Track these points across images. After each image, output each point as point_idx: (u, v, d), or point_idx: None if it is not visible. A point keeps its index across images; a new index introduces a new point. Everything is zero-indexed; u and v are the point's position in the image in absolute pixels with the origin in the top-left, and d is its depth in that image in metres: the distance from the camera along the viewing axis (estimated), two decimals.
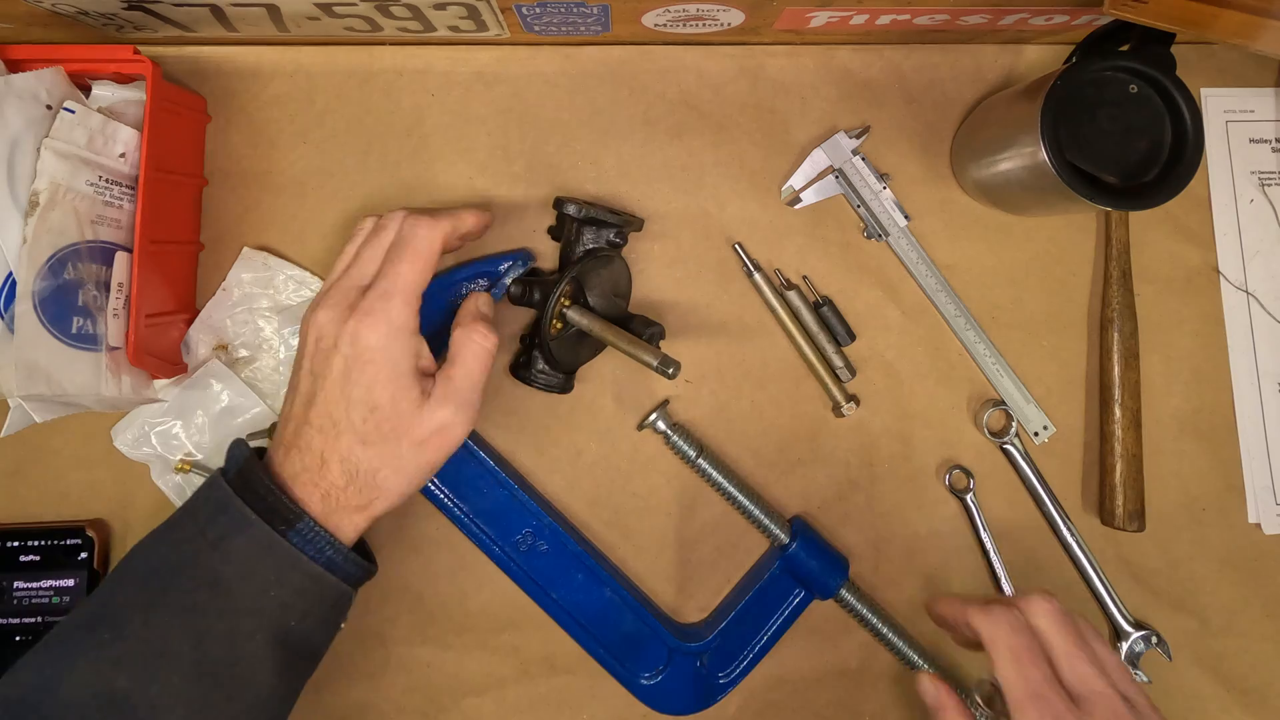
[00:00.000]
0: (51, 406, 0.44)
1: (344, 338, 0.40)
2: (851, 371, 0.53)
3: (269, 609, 0.38)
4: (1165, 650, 0.52)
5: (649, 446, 0.53)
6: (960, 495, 0.53)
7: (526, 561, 0.50)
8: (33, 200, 0.44)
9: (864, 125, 0.54)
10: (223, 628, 0.37)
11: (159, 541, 0.40)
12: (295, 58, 0.53)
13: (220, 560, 0.38)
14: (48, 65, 0.45)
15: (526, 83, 0.54)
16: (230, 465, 0.41)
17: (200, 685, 0.36)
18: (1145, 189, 0.45)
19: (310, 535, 0.39)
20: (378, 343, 0.40)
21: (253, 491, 0.39)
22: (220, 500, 0.39)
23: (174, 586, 0.38)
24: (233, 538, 0.38)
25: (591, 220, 0.49)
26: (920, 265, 0.54)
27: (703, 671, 0.50)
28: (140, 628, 0.37)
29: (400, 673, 0.52)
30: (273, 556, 0.38)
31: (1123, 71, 0.45)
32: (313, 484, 0.40)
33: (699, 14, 0.48)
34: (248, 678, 0.38)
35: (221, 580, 0.37)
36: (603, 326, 0.47)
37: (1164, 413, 0.54)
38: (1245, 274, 0.55)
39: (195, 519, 0.39)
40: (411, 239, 0.42)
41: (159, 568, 0.38)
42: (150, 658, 0.36)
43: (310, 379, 0.41)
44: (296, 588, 0.38)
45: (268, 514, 0.38)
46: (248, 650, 0.37)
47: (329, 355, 0.40)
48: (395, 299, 0.40)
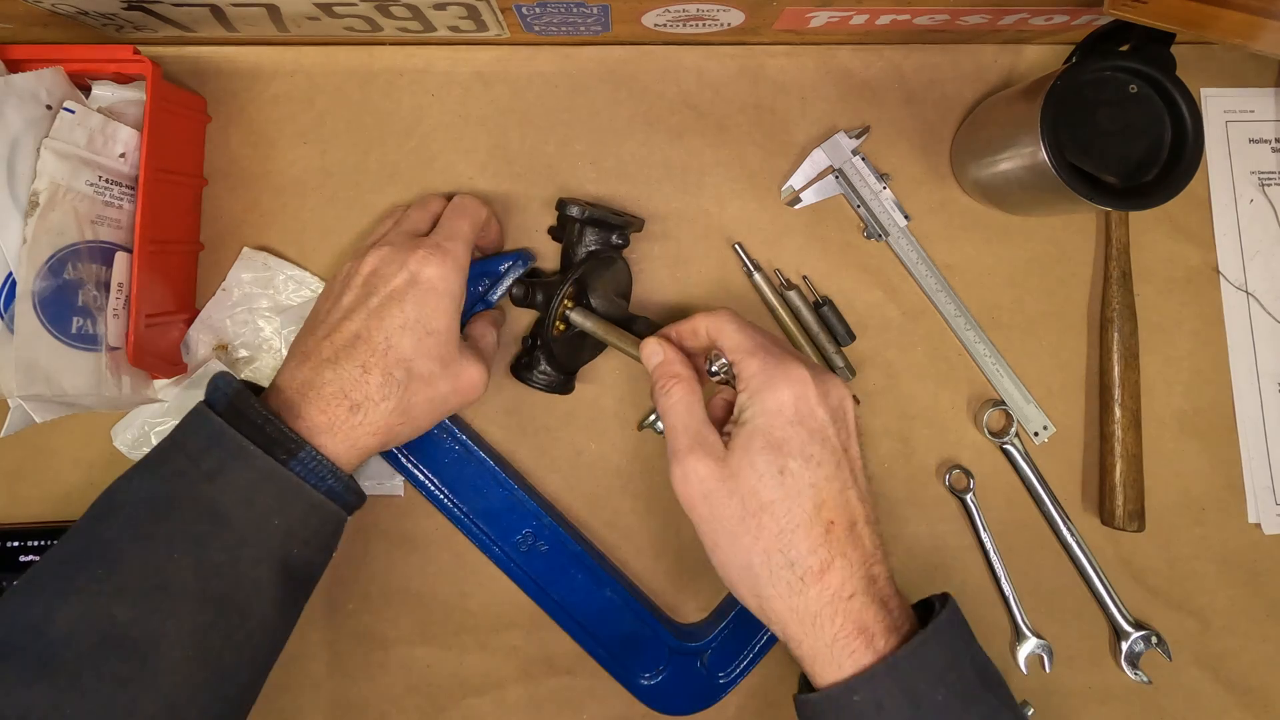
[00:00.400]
0: (51, 406, 0.44)
1: (412, 262, 0.42)
2: (851, 371, 0.53)
3: (271, 537, 0.38)
4: (1165, 650, 0.52)
5: (649, 446, 0.53)
6: (960, 495, 0.53)
7: (526, 562, 0.50)
8: (33, 200, 0.44)
9: (864, 125, 0.54)
10: (225, 558, 0.37)
11: (145, 476, 0.39)
12: (295, 58, 0.53)
13: (218, 491, 0.37)
14: (48, 65, 0.45)
15: (526, 83, 0.54)
16: (216, 397, 0.40)
17: (204, 615, 0.36)
18: (1145, 189, 0.45)
19: (312, 464, 0.39)
20: (441, 275, 0.42)
21: (249, 422, 0.38)
22: (212, 432, 0.38)
23: (170, 518, 0.37)
24: (230, 468, 0.38)
25: (594, 222, 0.49)
26: (920, 265, 0.54)
27: (703, 672, 0.50)
28: (137, 560, 0.36)
29: (400, 673, 0.52)
30: (274, 485, 0.38)
31: (1123, 71, 0.45)
32: (340, 395, 0.40)
33: (699, 14, 0.48)
34: (250, 606, 0.38)
35: (221, 510, 0.37)
36: (605, 329, 0.47)
37: (1164, 413, 0.54)
38: (1245, 274, 0.55)
39: (184, 452, 0.39)
40: (465, 206, 0.47)
41: (150, 500, 0.38)
42: (150, 590, 0.36)
43: (365, 297, 0.42)
44: (299, 516, 0.39)
45: (267, 444, 0.38)
46: (250, 578, 0.37)
47: (392, 279, 0.42)
48: (458, 243, 0.44)
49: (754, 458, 0.38)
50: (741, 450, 0.38)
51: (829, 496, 0.38)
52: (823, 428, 0.39)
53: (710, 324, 0.43)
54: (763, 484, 0.38)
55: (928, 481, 0.54)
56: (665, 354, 0.44)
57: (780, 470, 0.38)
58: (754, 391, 0.39)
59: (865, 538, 0.38)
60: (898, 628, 0.37)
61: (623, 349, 0.47)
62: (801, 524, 0.37)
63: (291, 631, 0.41)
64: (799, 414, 0.39)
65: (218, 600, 0.37)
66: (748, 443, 0.38)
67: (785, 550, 0.37)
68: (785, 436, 0.38)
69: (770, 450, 0.38)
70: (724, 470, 0.39)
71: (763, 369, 0.39)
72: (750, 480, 0.38)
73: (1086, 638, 0.53)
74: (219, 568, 0.37)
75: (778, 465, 0.38)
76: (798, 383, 0.39)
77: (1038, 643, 0.52)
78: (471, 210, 0.47)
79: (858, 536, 0.38)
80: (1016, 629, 0.53)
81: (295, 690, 0.51)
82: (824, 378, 0.40)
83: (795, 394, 0.39)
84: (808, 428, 0.38)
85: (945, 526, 0.53)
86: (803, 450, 0.38)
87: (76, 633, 0.35)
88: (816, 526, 0.37)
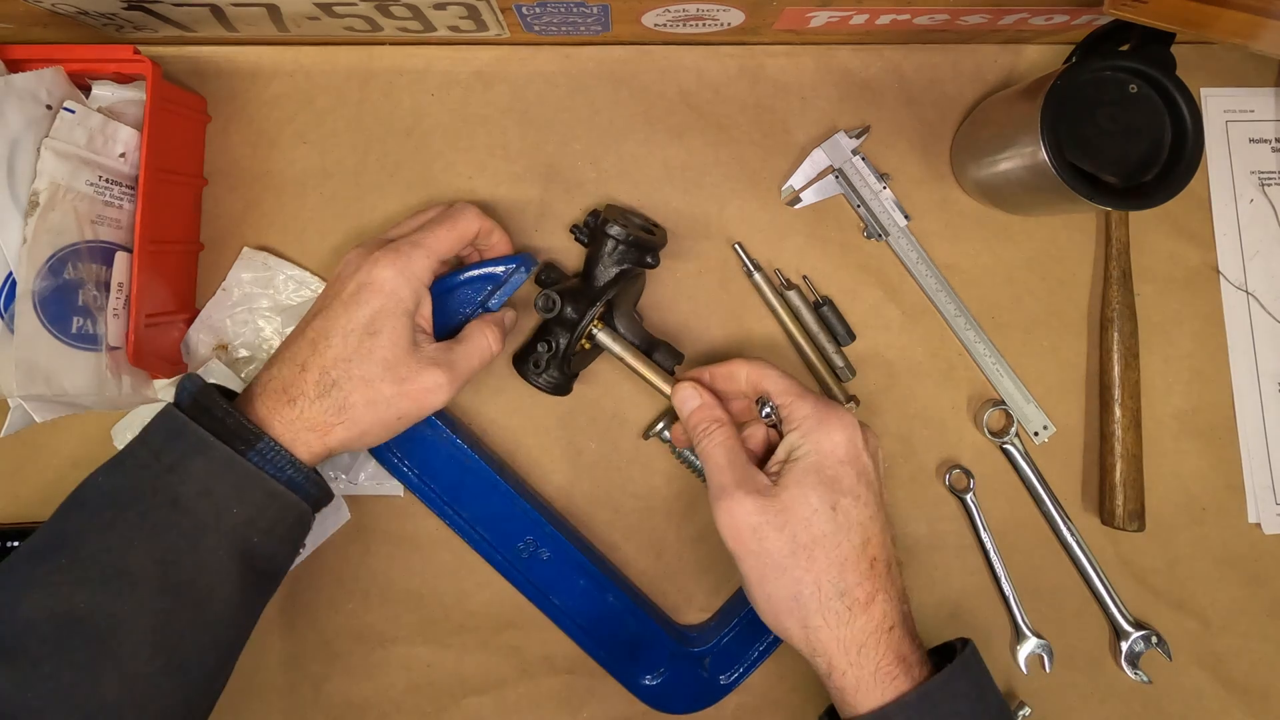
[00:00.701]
0: (51, 406, 0.44)
1: (364, 267, 0.43)
2: (851, 371, 0.53)
3: (230, 525, 0.38)
4: (1165, 650, 0.52)
5: (649, 446, 0.53)
6: (960, 495, 0.53)
7: (528, 568, 0.50)
8: (33, 200, 0.44)
9: (864, 125, 0.54)
10: (185, 544, 0.38)
11: (110, 473, 0.39)
12: (295, 58, 0.53)
13: (178, 481, 0.38)
14: (48, 65, 0.45)
15: (526, 83, 0.54)
16: (182, 396, 0.41)
17: (163, 601, 0.37)
18: (1145, 189, 0.45)
19: (270, 455, 0.39)
20: (390, 278, 0.42)
21: (210, 416, 0.39)
22: (174, 428, 0.39)
23: (131, 508, 0.38)
24: (190, 460, 0.38)
25: (634, 244, 0.48)
26: (920, 265, 0.54)
27: (704, 675, 0.50)
28: (98, 549, 0.37)
29: (400, 672, 0.52)
30: (233, 474, 0.38)
31: (1123, 71, 0.45)
32: (280, 391, 0.41)
33: (699, 14, 0.48)
34: (211, 593, 0.38)
35: (181, 500, 0.38)
36: (633, 355, 0.48)
37: (1164, 413, 0.54)
38: (1245, 274, 0.55)
39: (148, 447, 0.39)
40: (456, 214, 0.46)
41: (112, 493, 0.39)
42: (110, 577, 0.36)
43: (322, 301, 0.44)
44: (258, 504, 0.39)
45: (226, 435, 0.39)
46: (210, 565, 0.38)
47: (344, 282, 0.43)
48: (419, 249, 0.44)
49: (808, 493, 0.40)
50: (795, 486, 0.41)
51: (874, 534, 0.41)
52: (868, 471, 0.42)
53: (752, 371, 0.45)
54: (816, 518, 0.40)
55: (928, 481, 0.54)
56: (703, 399, 0.46)
57: (833, 506, 0.40)
58: (807, 431, 0.42)
59: (898, 578, 0.42)
60: (925, 661, 0.40)
61: (649, 380, 0.48)
62: (850, 557, 0.40)
63: (255, 622, 0.42)
64: (850, 455, 0.41)
65: (177, 587, 0.37)
66: (801, 478, 0.41)
67: (836, 581, 0.39)
68: (838, 475, 0.41)
69: (824, 487, 0.40)
70: (774, 505, 0.41)
71: (815, 411, 0.42)
72: (804, 514, 0.40)
73: (1086, 638, 0.53)
74: (179, 555, 0.37)
75: (830, 501, 0.40)
76: (849, 426, 0.42)
77: (1038, 643, 0.52)
78: (456, 221, 0.46)
79: (894, 575, 0.41)
80: (1016, 629, 0.53)
81: (295, 690, 0.51)
82: (864, 426, 0.43)
83: (848, 436, 0.42)
84: (856, 469, 0.41)
85: (945, 526, 0.53)
86: (853, 489, 0.41)
87: (39, 620, 0.35)
88: (863, 561, 0.40)
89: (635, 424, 0.53)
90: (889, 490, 0.53)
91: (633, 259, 0.49)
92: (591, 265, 0.49)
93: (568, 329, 0.48)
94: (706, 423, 0.45)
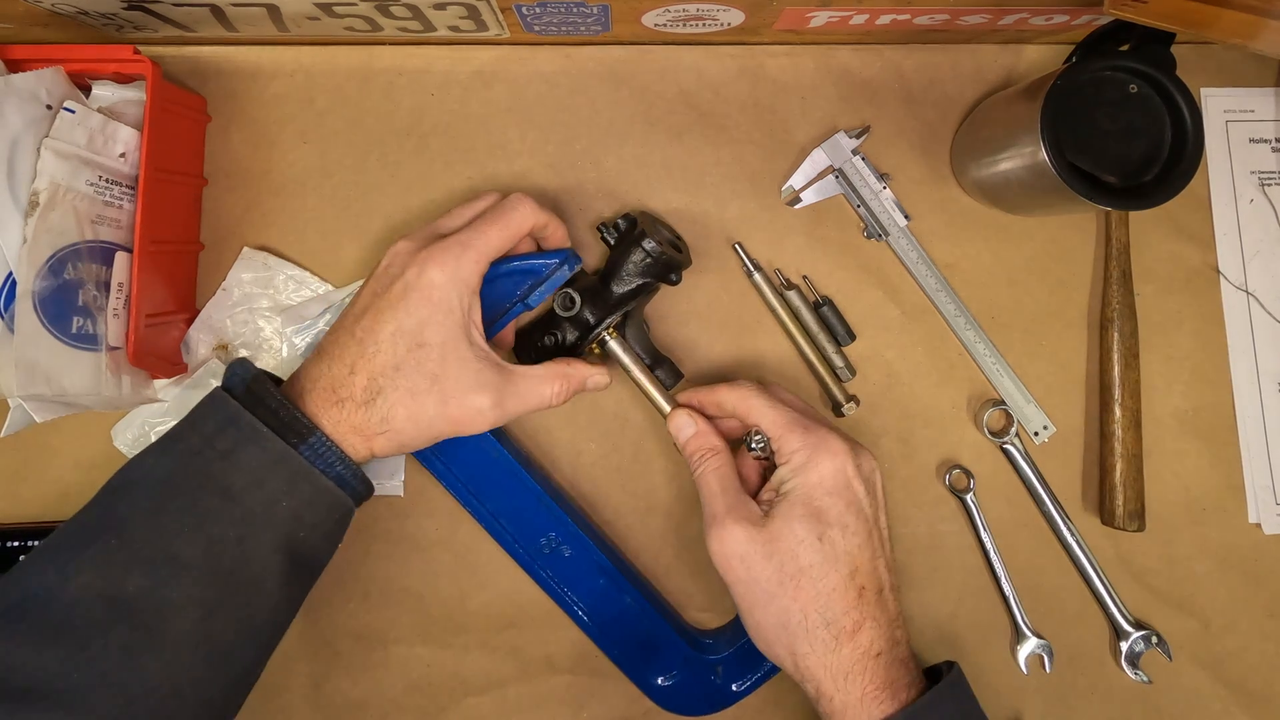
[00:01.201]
0: (51, 406, 0.44)
1: (413, 267, 0.41)
2: (851, 371, 0.53)
3: (279, 518, 0.38)
4: (1165, 650, 0.52)
5: (649, 446, 0.53)
6: (960, 495, 0.53)
7: (548, 564, 0.50)
8: (33, 200, 0.44)
9: (864, 125, 0.54)
10: (233, 534, 0.37)
11: (159, 455, 0.39)
12: (295, 58, 0.53)
13: (230, 470, 0.38)
14: (48, 65, 0.45)
15: (526, 83, 0.54)
16: (234, 382, 0.41)
17: (211, 589, 0.37)
18: (1145, 189, 0.45)
19: (322, 450, 0.39)
20: (440, 284, 0.41)
21: (264, 406, 0.39)
22: (229, 414, 0.39)
23: (181, 494, 0.38)
24: (243, 449, 0.38)
25: (664, 263, 0.48)
26: (920, 265, 0.54)
27: (716, 681, 0.50)
28: (148, 533, 0.37)
29: (400, 673, 0.52)
30: (285, 468, 0.38)
31: (1123, 71, 0.45)
32: (329, 390, 0.40)
33: (699, 14, 0.48)
34: (256, 584, 0.38)
35: (232, 489, 0.38)
36: (640, 369, 0.48)
37: (1164, 413, 0.54)
38: (1245, 274, 0.55)
39: (199, 432, 0.39)
40: (509, 209, 0.44)
41: (164, 478, 0.38)
42: (160, 562, 0.36)
43: (370, 296, 0.42)
44: (307, 499, 0.39)
45: (280, 428, 0.39)
46: (257, 556, 0.38)
47: (393, 279, 0.42)
48: (470, 251, 0.42)
49: (794, 525, 0.41)
50: (783, 518, 0.41)
51: (862, 563, 0.41)
52: (858, 499, 0.42)
53: (737, 401, 0.45)
54: (802, 548, 0.41)
55: (928, 481, 0.54)
56: (697, 426, 0.46)
57: (819, 537, 0.41)
58: (796, 466, 0.43)
59: (890, 604, 0.42)
60: (914, 684, 0.41)
61: (651, 398, 0.48)
62: (837, 587, 0.40)
63: (293, 618, 0.42)
64: (837, 485, 0.42)
65: (224, 577, 0.37)
66: (789, 510, 0.42)
67: (822, 610, 0.40)
68: (825, 506, 0.41)
69: (810, 518, 0.41)
70: (763, 535, 0.41)
71: (804, 444, 0.43)
72: (790, 544, 0.41)
73: (1086, 638, 0.53)
74: (227, 545, 0.37)
75: (817, 532, 0.41)
76: (838, 455, 0.42)
77: (1038, 643, 0.52)
78: (512, 215, 0.44)
79: (884, 601, 0.41)
80: (1016, 629, 0.53)
81: (295, 690, 0.51)
82: (858, 450, 0.43)
83: (835, 467, 0.42)
84: (845, 499, 0.42)
85: (945, 526, 0.53)
86: (840, 519, 0.41)
87: (87, 600, 0.35)
88: (850, 591, 0.41)
89: (635, 425, 0.53)
90: (890, 493, 0.53)
91: (656, 273, 0.48)
92: (614, 269, 0.48)
93: (579, 329, 0.48)
94: (701, 451, 0.46)
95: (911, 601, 0.53)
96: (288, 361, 0.52)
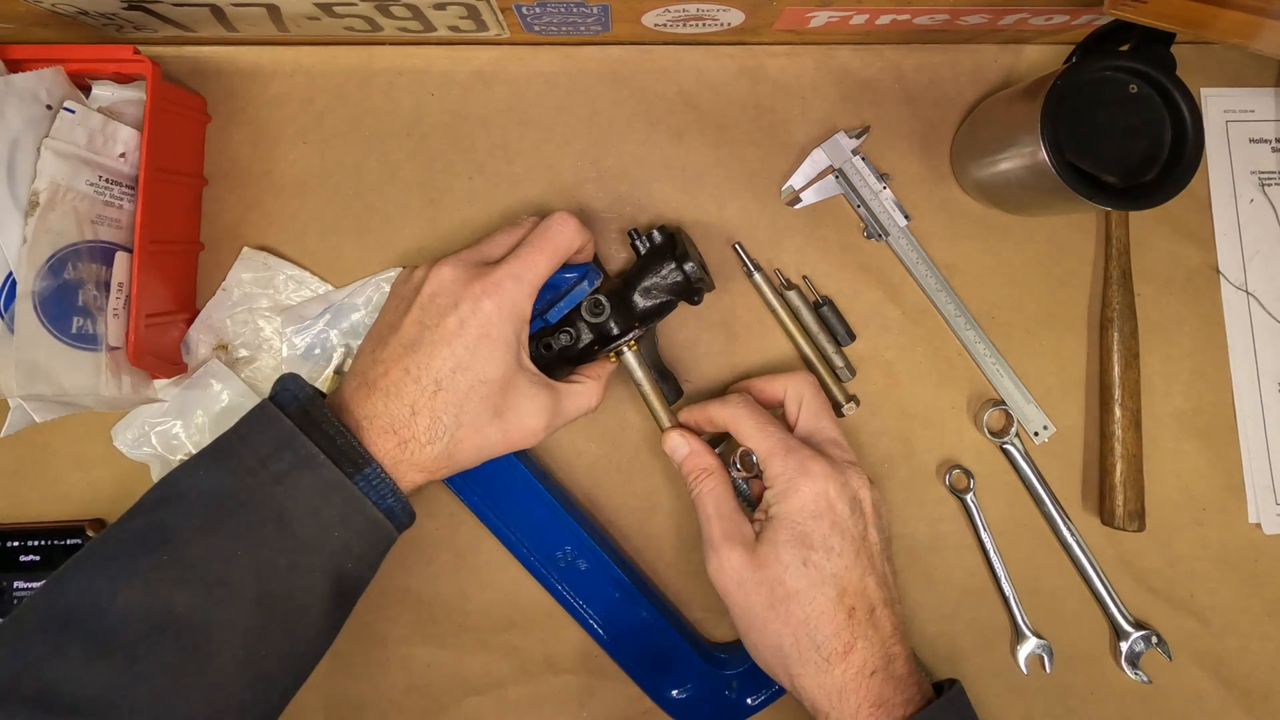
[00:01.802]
0: (51, 406, 0.44)
1: (466, 302, 0.41)
2: (851, 371, 0.53)
3: (331, 548, 0.38)
4: (1165, 650, 0.52)
5: (649, 446, 0.53)
6: (960, 495, 0.53)
7: (564, 577, 0.50)
8: (33, 200, 0.44)
9: (864, 125, 0.54)
10: (285, 562, 0.37)
11: (211, 468, 0.39)
12: (295, 58, 0.53)
13: (286, 495, 0.37)
14: (48, 65, 0.45)
15: (526, 83, 0.54)
16: (285, 399, 0.40)
17: (259, 616, 0.36)
18: (1145, 189, 0.45)
19: (376, 481, 0.39)
20: (497, 320, 0.41)
21: (320, 431, 0.39)
22: (282, 435, 0.38)
23: (237, 516, 0.37)
24: (299, 475, 0.38)
25: (695, 284, 0.48)
26: (920, 265, 0.54)
27: (730, 695, 0.50)
28: (201, 552, 0.36)
29: (400, 673, 0.52)
30: (340, 497, 0.38)
31: (1123, 71, 0.45)
32: (389, 430, 0.40)
33: (699, 14, 0.48)
34: (302, 613, 0.38)
35: (287, 515, 0.37)
36: (650, 383, 0.48)
37: (1164, 413, 0.54)
38: (1245, 274, 0.55)
39: (253, 450, 0.38)
40: (555, 233, 0.44)
41: (217, 495, 0.38)
42: (212, 584, 0.36)
43: (418, 328, 0.41)
44: (358, 530, 0.39)
45: (335, 455, 0.38)
46: (305, 586, 0.38)
47: (445, 312, 0.41)
48: (523, 285, 0.42)
49: (779, 550, 0.42)
50: (769, 543, 0.42)
51: (849, 584, 0.41)
52: (842, 520, 0.42)
53: (727, 418, 0.46)
54: (788, 574, 0.41)
55: (928, 481, 0.54)
56: (691, 446, 0.47)
57: (804, 562, 0.41)
58: (779, 491, 0.43)
59: (884, 620, 0.42)
60: (912, 701, 0.41)
61: (655, 413, 0.48)
62: (825, 611, 0.41)
63: (330, 646, 0.41)
64: (818, 509, 0.42)
65: (273, 603, 0.37)
66: (774, 536, 0.42)
67: (811, 634, 0.41)
68: (807, 530, 0.42)
69: (794, 544, 0.42)
70: (754, 561, 0.42)
71: (784, 469, 0.43)
72: (776, 571, 0.42)
73: (1086, 638, 0.53)
74: (278, 572, 0.37)
75: (801, 557, 0.41)
76: (819, 478, 0.42)
77: (1038, 643, 0.52)
78: (559, 238, 0.43)
79: (877, 620, 0.42)
80: (1016, 629, 0.53)
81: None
82: (843, 470, 0.43)
83: (815, 491, 0.42)
84: (828, 521, 0.42)
85: (945, 526, 0.53)
86: (824, 542, 0.42)
87: (137, 616, 0.35)
88: (840, 613, 0.41)
89: (635, 427, 0.53)
90: (890, 493, 0.53)
91: (680, 290, 0.48)
92: (638, 279, 0.48)
93: (598, 335, 0.47)
94: (695, 471, 0.46)
95: (911, 602, 0.53)
96: (287, 361, 0.52)
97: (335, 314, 0.52)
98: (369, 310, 0.52)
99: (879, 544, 0.44)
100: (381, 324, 0.44)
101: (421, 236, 0.53)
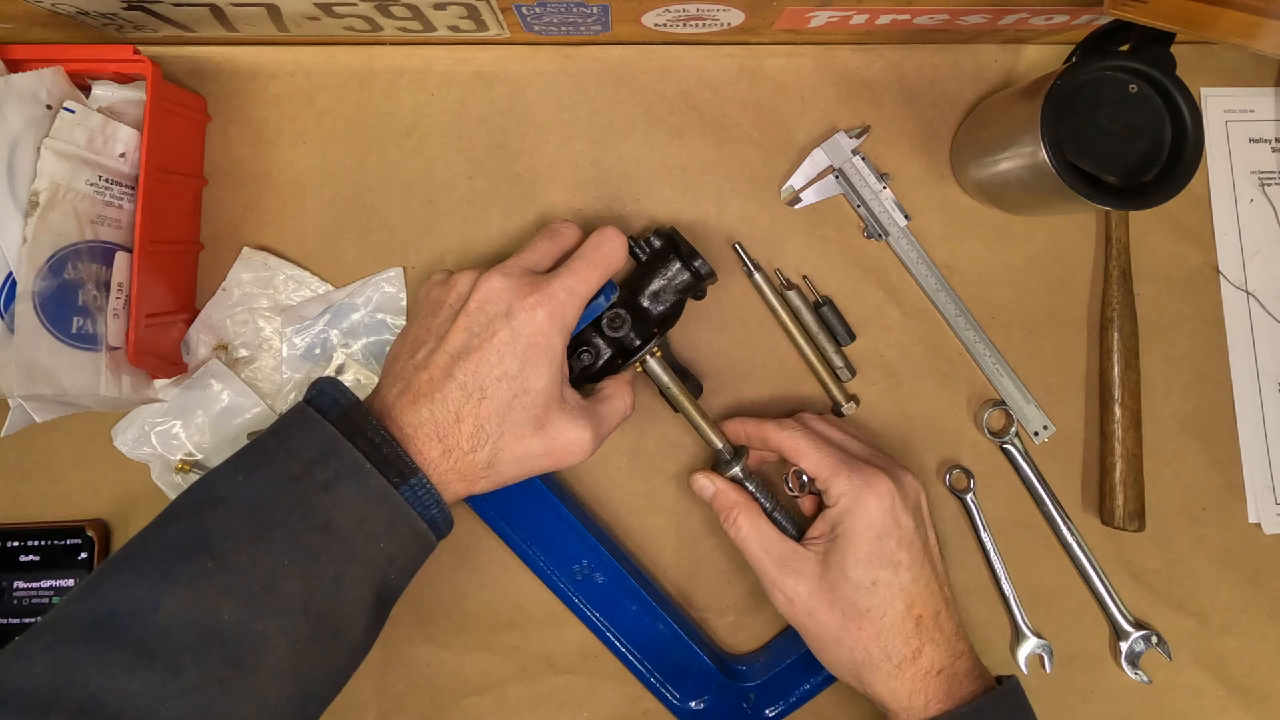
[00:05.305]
0: (51, 406, 0.44)
1: (519, 312, 0.40)
2: (851, 371, 0.53)
3: (375, 559, 0.37)
4: (1165, 650, 0.52)
5: (649, 445, 0.53)
6: (960, 495, 0.53)
7: (580, 590, 0.50)
8: (33, 200, 0.44)
9: (864, 125, 0.54)
10: (331, 573, 0.36)
11: (250, 473, 0.38)
12: (295, 58, 0.53)
13: (332, 504, 0.37)
14: (48, 65, 0.45)
15: (526, 82, 0.54)
16: (325, 404, 0.39)
17: (305, 627, 0.36)
18: (1145, 189, 0.45)
19: (421, 492, 0.39)
20: (547, 331, 0.41)
21: (365, 439, 0.38)
22: (326, 442, 0.38)
23: (284, 524, 0.36)
24: (345, 484, 0.37)
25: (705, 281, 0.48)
26: (920, 265, 0.54)
27: (748, 708, 0.50)
28: (246, 561, 0.35)
29: (400, 673, 0.52)
30: (386, 508, 0.37)
31: (1123, 71, 0.45)
32: (436, 438, 0.40)
33: (699, 14, 0.48)
34: (346, 624, 0.37)
35: (333, 525, 0.36)
36: (681, 392, 0.48)
37: (1164, 413, 0.54)
38: (1245, 274, 0.55)
39: (296, 456, 0.37)
40: (609, 249, 0.44)
41: (262, 502, 0.37)
42: (260, 594, 0.35)
43: (466, 335, 0.41)
44: (402, 541, 0.38)
45: (380, 463, 0.37)
46: (350, 597, 0.37)
47: (494, 320, 0.41)
48: (575, 298, 0.42)
49: (849, 573, 0.43)
50: (837, 566, 0.44)
51: (917, 595, 0.43)
52: (908, 534, 0.44)
53: (784, 441, 0.47)
54: (859, 595, 0.43)
55: (928, 481, 0.54)
56: (716, 487, 0.48)
57: (874, 582, 0.43)
58: (844, 509, 0.44)
59: (947, 623, 0.44)
60: (976, 693, 0.43)
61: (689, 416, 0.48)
62: (895, 624, 0.43)
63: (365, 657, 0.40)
64: (886, 527, 0.44)
65: (318, 615, 0.36)
66: (843, 558, 0.44)
67: (883, 646, 0.43)
68: (876, 550, 0.43)
69: (863, 565, 0.43)
70: (821, 585, 0.44)
71: (849, 486, 0.44)
72: (847, 592, 0.43)
73: (1086, 638, 0.53)
74: (325, 583, 0.36)
75: (871, 578, 0.43)
76: (885, 496, 0.44)
77: (1038, 643, 0.52)
78: (612, 255, 0.43)
79: (941, 623, 0.44)
80: (1016, 629, 0.53)
81: None
82: (902, 480, 0.45)
83: (882, 509, 0.44)
84: (895, 537, 0.44)
85: (945, 526, 0.53)
86: (892, 559, 0.43)
87: (182, 624, 0.34)
88: (908, 623, 0.43)
89: (634, 424, 0.53)
90: None
91: (688, 288, 0.48)
92: (648, 286, 0.47)
93: (620, 348, 0.47)
94: (726, 509, 0.47)
95: None
96: (287, 361, 0.52)
97: (335, 314, 0.52)
98: (369, 310, 0.52)
99: (936, 547, 0.46)
100: (420, 330, 0.43)
101: (421, 236, 0.53)
